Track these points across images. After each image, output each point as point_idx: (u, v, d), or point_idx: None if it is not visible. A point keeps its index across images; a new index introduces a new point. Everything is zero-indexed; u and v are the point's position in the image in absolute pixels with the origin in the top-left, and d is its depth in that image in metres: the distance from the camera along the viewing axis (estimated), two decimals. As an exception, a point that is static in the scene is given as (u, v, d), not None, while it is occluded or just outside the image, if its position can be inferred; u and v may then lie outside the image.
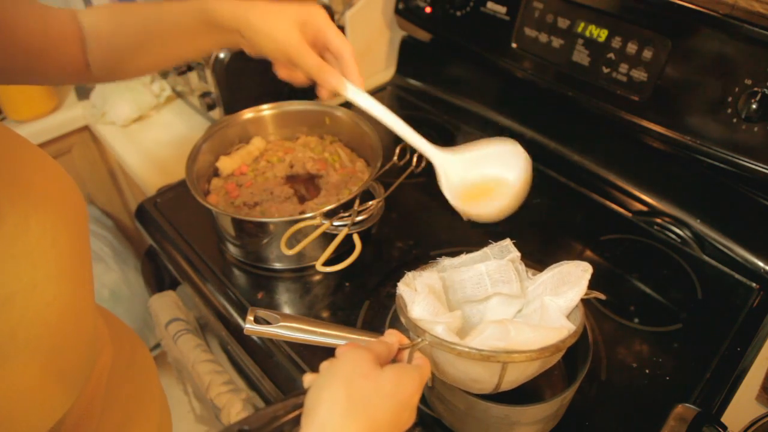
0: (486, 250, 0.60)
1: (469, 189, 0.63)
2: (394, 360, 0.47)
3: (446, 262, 0.60)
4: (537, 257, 0.79)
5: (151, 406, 0.58)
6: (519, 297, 0.59)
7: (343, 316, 0.75)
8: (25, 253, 0.34)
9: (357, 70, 0.62)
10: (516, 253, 0.59)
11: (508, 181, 0.62)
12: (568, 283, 0.56)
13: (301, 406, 0.42)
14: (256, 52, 0.64)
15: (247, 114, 0.93)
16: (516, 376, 0.53)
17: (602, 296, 0.56)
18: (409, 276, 0.58)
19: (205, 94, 1.04)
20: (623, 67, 0.83)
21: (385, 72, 1.30)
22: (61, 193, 0.41)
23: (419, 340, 0.49)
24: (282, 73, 0.66)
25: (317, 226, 0.74)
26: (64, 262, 0.37)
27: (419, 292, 0.54)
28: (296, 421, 0.42)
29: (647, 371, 0.69)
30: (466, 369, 0.51)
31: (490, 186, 0.63)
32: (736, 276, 0.81)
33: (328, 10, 1.08)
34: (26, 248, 0.35)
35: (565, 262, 0.58)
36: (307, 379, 0.44)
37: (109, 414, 0.49)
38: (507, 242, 0.60)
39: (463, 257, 0.60)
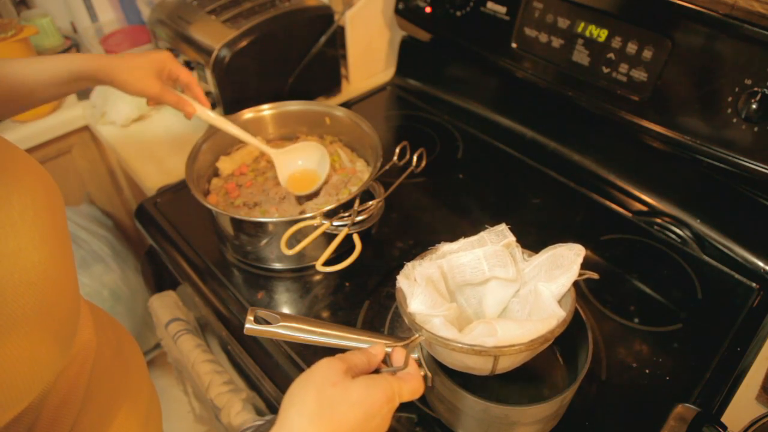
0: (483, 234, 0.61)
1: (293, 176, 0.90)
2: (389, 364, 0.50)
3: (445, 247, 0.61)
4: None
5: (139, 398, 0.58)
6: (515, 281, 0.60)
7: (343, 316, 0.75)
8: (9, 223, 0.37)
9: (201, 94, 0.86)
10: (511, 238, 0.60)
11: (317, 172, 0.89)
12: (562, 266, 0.56)
13: None
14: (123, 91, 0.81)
15: (247, 114, 0.93)
16: (509, 363, 0.55)
17: (595, 276, 0.56)
18: (409, 266, 0.58)
19: (205, 94, 1.04)
20: (623, 67, 0.83)
21: (385, 72, 1.30)
22: (38, 178, 0.43)
23: (416, 335, 0.52)
24: (150, 103, 0.84)
25: (317, 226, 0.74)
26: (47, 233, 0.40)
27: (418, 284, 0.55)
28: None
29: (647, 371, 0.69)
30: (462, 359, 0.53)
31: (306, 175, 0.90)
32: (736, 276, 0.81)
33: (328, 10, 1.08)
34: (9, 219, 0.37)
35: (560, 244, 0.58)
36: None
37: (92, 403, 0.50)
38: (503, 227, 0.61)
39: (462, 242, 0.61)
